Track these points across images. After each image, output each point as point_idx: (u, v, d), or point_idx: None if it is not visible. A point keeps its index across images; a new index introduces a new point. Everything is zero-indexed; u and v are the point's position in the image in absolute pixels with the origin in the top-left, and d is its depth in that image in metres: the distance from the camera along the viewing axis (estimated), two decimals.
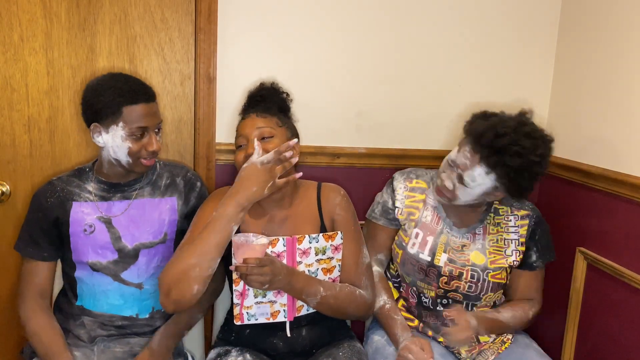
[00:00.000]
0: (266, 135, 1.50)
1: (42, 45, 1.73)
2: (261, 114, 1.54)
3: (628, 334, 1.63)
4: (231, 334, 1.62)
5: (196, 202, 1.61)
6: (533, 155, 1.44)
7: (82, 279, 1.54)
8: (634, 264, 1.61)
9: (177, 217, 1.58)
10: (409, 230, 1.67)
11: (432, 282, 1.63)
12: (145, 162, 1.50)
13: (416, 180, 1.72)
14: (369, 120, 1.95)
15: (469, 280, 1.61)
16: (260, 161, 1.38)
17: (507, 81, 1.98)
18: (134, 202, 1.55)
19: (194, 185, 1.62)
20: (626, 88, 1.66)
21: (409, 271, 1.65)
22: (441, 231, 1.65)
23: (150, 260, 1.55)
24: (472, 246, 1.64)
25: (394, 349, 1.59)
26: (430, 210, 1.68)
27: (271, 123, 1.53)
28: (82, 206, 1.53)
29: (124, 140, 1.45)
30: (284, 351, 1.57)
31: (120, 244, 1.53)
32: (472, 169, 1.50)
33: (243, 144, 1.51)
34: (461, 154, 1.53)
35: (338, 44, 1.89)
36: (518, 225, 1.66)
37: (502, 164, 1.45)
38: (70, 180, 1.56)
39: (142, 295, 1.56)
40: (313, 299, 1.47)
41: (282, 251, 1.46)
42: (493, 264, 1.62)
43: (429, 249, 1.63)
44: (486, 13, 1.95)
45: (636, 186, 1.59)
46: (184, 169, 1.65)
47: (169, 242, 1.58)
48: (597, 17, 1.80)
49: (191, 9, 1.80)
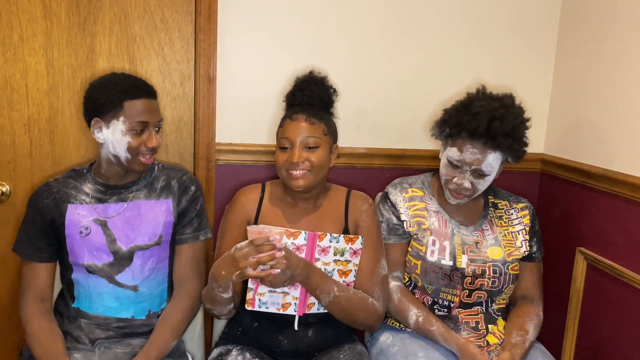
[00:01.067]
0: (311, 145, 1.52)
1: (42, 45, 1.73)
2: (310, 119, 1.52)
3: (628, 334, 1.63)
4: (238, 327, 1.63)
5: (187, 205, 1.59)
6: (520, 116, 1.57)
7: (79, 281, 1.54)
8: (634, 264, 1.61)
9: (173, 219, 1.58)
10: (424, 239, 1.65)
11: (456, 286, 1.61)
12: (144, 159, 1.50)
13: (411, 189, 1.72)
14: (369, 120, 1.95)
15: (492, 275, 1.61)
16: (235, 247, 1.36)
17: (507, 81, 1.98)
18: (129, 204, 1.55)
19: (187, 188, 1.60)
20: (626, 88, 1.66)
21: (432, 280, 1.62)
22: (452, 233, 1.65)
23: (145, 263, 1.55)
24: (485, 243, 1.65)
25: (397, 349, 1.59)
26: (434, 215, 1.68)
27: (318, 131, 1.53)
28: (78, 208, 1.53)
29: (124, 135, 1.46)
30: (287, 349, 1.57)
31: (116, 246, 1.52)
32: (484, 159, 1.55)
33: (287, 147, 1.53)
34: (467, 153, 1.56)
35: (338, 43, 1.89)
36: (521, 217, 1.71)
37: (506, 139, 1.53)
38: (67, 181, 1.56)
39: (138, 297, 1.55)
40: (326, 296, 1.48)
41: (303, 244, 1.47)
42: (510, 256, 1.65)
43: (449, 253, 1.62)
44: (486, 13, 1.95)
45: (636, 186, 1.59)
46: (180, 172, 1.63)
47: (164, 244, 1.57)
48: (597, 17, 1.80)
49: (191, 9, 1.80)
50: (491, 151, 1.55)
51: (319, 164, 1.52)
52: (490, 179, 1.61)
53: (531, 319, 1.62)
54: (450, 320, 1.63)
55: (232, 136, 1.89)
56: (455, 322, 1.63)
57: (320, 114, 1.56)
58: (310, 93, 1.59)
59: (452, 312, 1.63)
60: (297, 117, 1.53)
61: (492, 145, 1.54)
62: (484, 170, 1.56)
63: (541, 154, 2.06)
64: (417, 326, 1.60)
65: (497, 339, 1.61)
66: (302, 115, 1.53)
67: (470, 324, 1.62)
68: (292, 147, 1.52)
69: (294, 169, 1.51)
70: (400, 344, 1.61)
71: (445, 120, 1.62)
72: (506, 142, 1.53)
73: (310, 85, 1.60)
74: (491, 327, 1.63)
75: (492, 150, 1.55)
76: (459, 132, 1.56)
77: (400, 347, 1.60)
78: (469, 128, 1.54)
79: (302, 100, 1.59)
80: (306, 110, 1.55)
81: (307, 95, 1.59)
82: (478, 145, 1.55)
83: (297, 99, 1.60)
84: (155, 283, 1.58)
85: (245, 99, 1.87)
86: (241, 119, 1.88)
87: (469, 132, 1.54)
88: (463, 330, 1.61)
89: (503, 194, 1.77)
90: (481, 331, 1.62)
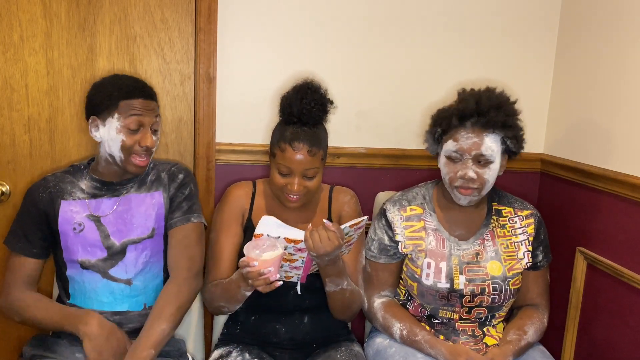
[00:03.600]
0: (310, 175, 1.54)
1: (42, 45, 1.73)
2: (312, 150, 1.51)
3: (628, 334, 1.63)
4: (236, 326, 1.66)
5: (175, 191, 1.58)
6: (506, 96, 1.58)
7: (74, 278, 1.54)
8: (634, 264, 1.61)
9: (164, 211, 1.57)
10: (418, 261, 1.61)
11: (455, 304, 1.59)
12: (138, 160, 1.50)
13: (410, 207, 1.67)
14: (369, 120, 1.95)
15: (492, 293, 1.58)
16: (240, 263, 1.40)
17: (507, 81, 1.98)
18: (121, 199, 1.55)
19: (175, 176, 1.59)
20: (626, 87, 1.66)
21: (430, 301, 1.60)
22: (450, 254, 1.61)
23: (139, 256, 1.54)
24: (485, 255, 1.61)
25: (394, 350, 1.59)
26: (432, 234, 1.64)
27: (317, 161, 1.54)
28: (71, 205, 1.53)
29: (118, 133, 1.46)
30: (286, 337, 1.61)
31: (109, 242, 1.53)
32: (482, 142, 1.52)
33: (285, 174, 1.54)
34: (462, 140, 1.53)
35: (338, 43, 1.89)
36: (525, 225, 1.66)
37: (497, 113, 1.52)
38: (64, 177, 1.57)
39: (132, 292, 1.55)
40: (334, 286, 1.51)
41: (304, 247, 1.44)
42: (511, 270, 1.61)
43: (445, 276, 1.58)
44: (487, 13, 1.95)
45: (636, 186, 1.59)
46: (170, 164, 1.63)
47: (158, 237, 1.57)
48: (597, 17, 1.80)
49: (191, 9, 1.80)
50: (487, 133, 1.52)
51: (315, 188, 1.57)
52: (494, 167, 1.55)
53: (533, 322, 1.61)
54: (449, 326, 1.62)
55: (232, 136, 1.89)
56: (453, 328, 1.62)
57: (318, 137, 1.54)
58: (309, 111, 1.53)
59: (451, 322, 1.62)
60: (299, 148, 1.51)
61: (485, 123, 1.51)
62: (485, 154, 1.52)
63: (541, 154, 2.06)
64: (403, 340, 1.60)
65: (495, 340, 1.61)
66: (304, 146, 1.51)
67: (467, 332, 1.62)
68: (291, 175, 1.53)
69: (292, 194, 1.55)
70: (398, 346, 1.61)
71: (435, 122, 1.61)
72: (498, 115, 1.51)
73: (314, 100, 1.55)
74: (487, 329, 1.62)
75: (487, 130, 1.52)
76: (448, 122, 1.55)
77: (398, 348, 1.60)
78: (457, 113, 1.53)
79: (300, 110, 1.53)
80: (308, 138, 1.51)
81: (306, 115, 1.53)
82: (471, 127, 1.52)
83: (294, 108, 1.54)
84: (150, 276, 1.57)
85: (245, 99, 1.87)
86: (241, 119, 1.88)
87: (459, 117, 1.53)
88: (462, 336, 1.61)
89: (508, 199, 1.71)
90: (478, 337, 1.61)
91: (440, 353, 1.52)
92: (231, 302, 1.53)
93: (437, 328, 1.63)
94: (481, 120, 1.51)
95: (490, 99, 1.53)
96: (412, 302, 1.67)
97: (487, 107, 1.51)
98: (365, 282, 1.68)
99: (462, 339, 1.60)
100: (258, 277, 1.35)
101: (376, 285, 1.67)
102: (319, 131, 1.56)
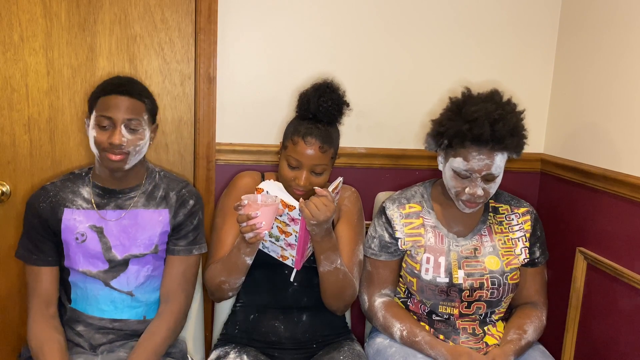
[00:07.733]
0: (318, 171, 1.55)
1: (42, 45, 1.73)
2: (323, 147, 1.53)
3: (628, 334, 1.64)
4: (235, 327, 1.66)
5: (184, 219, 1.56)
6: (516, 111, 1.56)
7: (76, 284, 1.53)
8: (634, 264, 1.61)
9: (169, 230, 1.56)
10: (417, 256, 1.62)
11: (454, 299, 1.60)
12: (112, 156, 1.46)
13: (409, 205, 1.68)
14: (368, 120, 1.95)
15: (491, 287, 1.59)
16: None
17: (507, 81, 1.98)
18: (127, 213, 1.53)
19: (185, 202, 1.57)
20: (626, 88, 1.66)
21: (429, 296, 1.61)
22: (449, 249, 1.62)
23: (140, 270, 1.53)
24: (483, 250, 1.62)
25: (395, 350, 1.59)
26: (431, 231, 1.65)
27: (327, 158, 1.56)
28: (74, 213, 1.51)
29: (92, 129, 1.47)
30: (285, 336, 1.61)
31: (111, 254, 1.51)
32: (493, 162, 1.52)
33: (294, 167, 1.55)
34: (474, 161, 1.51)
35: (338, 43, 1.89)
36: (521, 222, 1.68)
37: (512, 139, 1.51)
38: (65, 185, 1.55)
39: (133, 302, 1.54)
40: (328, 264, 1.51)
41: (297, 218, 1.45)
42: (509, 265, 1.62)
43: (444, 271, 1.59)
44: (487, 13, 1.95)
45: (636, 186, 1.59)
46: (180, 184, 1.60)
47: (161, 252, 1.56)
48: (597, 17, 1.80)
49: (191, 9, 1.80)
50: (497, 153, 1.52)
51: (320, 185, 1.57)
52: (499, 179, 1.57)
53: (532, 321, 1.61)
54: (449, 324, 1.63)
55: (232, 136, 1.89)
56: (454, 327, 1.62)
57: (331, 136, 1.56)
58: (327, 109, 1.56)
59: (451, 319, 1.63)
60: (311, 142, 1.52)
61: (500, 148, 1.51)
62: (494, 173, 1.53)
63: (541, 154, 2.06)
64: (403, 340, 1.60)
65: (496, 339, 1.61)
66: (316, 141, 1.52)
67: (468, 330, 1.62)
68: (300, 168, 1.54)
69: (298, 187, 1.55)
70: (398, 346, 1.61)
71: (441, 132, 1.56)
72: (512, 141, 1.51)
73: (331, 99, 1.57)
74: (488, 328, 1.63)
75: (498, 152, 1.52)
76: (461, 142, 1.52)
77: (398, 348, 1.60)
78: (472, 136, 1.49)
79: (317, 107, 1.55)
80: (321, 134, 1.53)
81: (324, 113, 1.56)
82: (484, 150, 1.51)
83: (312, 105, 1.56)
84: (151, 290, 1.56)
85: (245, 99, 1.87)
86: (241, 119, 1.88)
87: (473, 140, 1.50)
88: (462, 335, 1.61)
89: (505, 197, 1.73)
90: (479, 335, 1.62)
91: (440, 354, 1.52)
92: (232, 272, 1.51)
93: (438, 326, 1.64)
94: (496, 147, 1.51)
95: (506, 124, 1.49)
96: (412, 299, 1.67)
97: (503, 134, 1.49)
98: (366, 280, 1.69)
99: (462, 338, 1.60)
100: (247, 221, 1.37)
101: (377, 284, 1.68)
102: (332, 130, 1.58)
